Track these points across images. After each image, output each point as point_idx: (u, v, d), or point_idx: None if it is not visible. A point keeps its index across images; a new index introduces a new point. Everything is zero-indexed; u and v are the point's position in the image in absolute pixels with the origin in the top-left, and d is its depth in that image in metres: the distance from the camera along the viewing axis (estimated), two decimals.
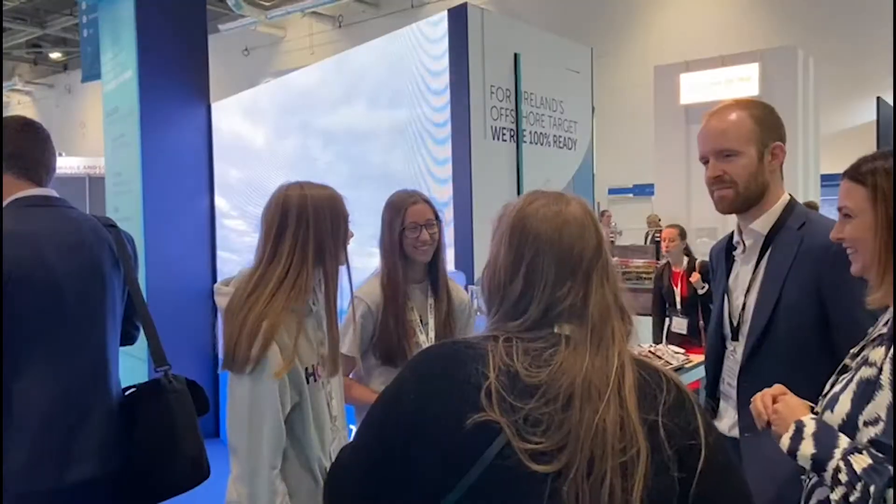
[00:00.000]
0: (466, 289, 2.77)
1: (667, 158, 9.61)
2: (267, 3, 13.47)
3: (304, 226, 1.55)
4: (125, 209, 4.63)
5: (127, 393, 1.91)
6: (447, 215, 2.90)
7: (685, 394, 0.99)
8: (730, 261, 1.78)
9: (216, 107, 4.74)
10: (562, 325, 0.98)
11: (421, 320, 2.10)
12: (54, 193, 1.82)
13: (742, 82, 8.54)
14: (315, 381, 1.57)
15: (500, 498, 0.91)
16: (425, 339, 2.08)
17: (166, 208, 4.49)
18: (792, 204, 1.68)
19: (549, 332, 0.98)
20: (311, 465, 1.54)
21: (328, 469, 1.11)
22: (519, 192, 3.12)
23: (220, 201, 4.74)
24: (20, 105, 20.22)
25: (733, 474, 1.00)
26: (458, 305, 2.17)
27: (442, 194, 2.98)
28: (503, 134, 3.11)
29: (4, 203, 1.74)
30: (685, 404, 0.97)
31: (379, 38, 3.45)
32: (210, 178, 4.75)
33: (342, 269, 1.63)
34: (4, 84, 18.56)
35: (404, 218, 2.04)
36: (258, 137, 4.34)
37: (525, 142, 3.19)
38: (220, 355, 1.51)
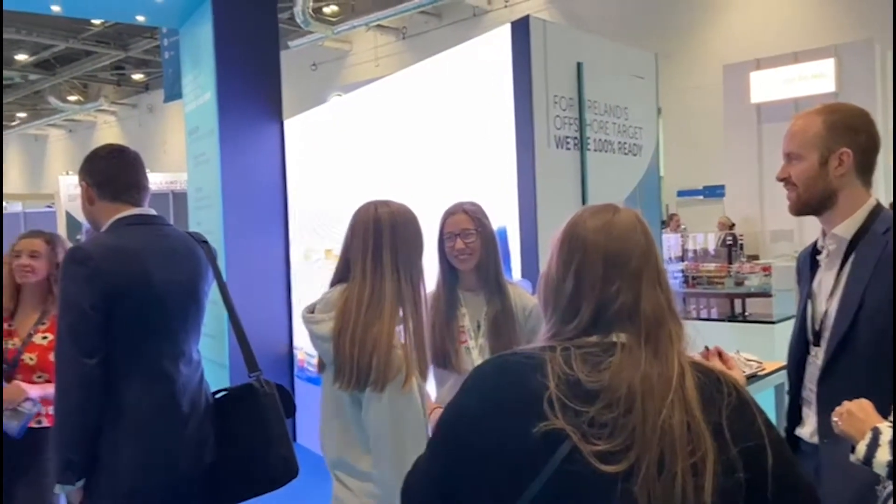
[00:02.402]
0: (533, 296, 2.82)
1: (738, 159, 9.37)
2: (334, 19, 13.84)
3: (394, 245, 1.63)
4: (207, 223, 4.88)
5: (218, 396, 2.06)
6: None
7: (745, 395, 1.01)
8: (814, 266, 1.78)
9: (288, 123, 4.94)
10: (617, 332, 1.01)
11: (477, 326, 2.15)
12: (152, 211, 1.99)
13: (816, 79, 8.26)
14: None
15: (571, 502, 0.94)
16: (474, 344, 2.14)
17: (244, 221, 4.71)
18: (878, 209, 1.67)
19: (603, 338, 1.01)
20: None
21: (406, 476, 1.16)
22: (584, 200, 3.15)
23: (293, 217, 4.93)
24: (106, 125, 21.40)
25: (801, 473, 1.03)
26: (521, 313, 2.20)
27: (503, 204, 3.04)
28: (567, 143, 3.14)
29: (107, 224, 1.92)
30: (746, 406, 1.00)
31: (443, 52, 3.55)
32: (284, 193, 4.95)
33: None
34: (91, 105, 19.67)
35: (443, 227, 2.14)
36: (331, 153, 4.50)
37: (589, 149, 3.22)
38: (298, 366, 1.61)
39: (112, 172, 1.96)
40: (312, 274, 4.64)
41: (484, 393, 1.03)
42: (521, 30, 3.04)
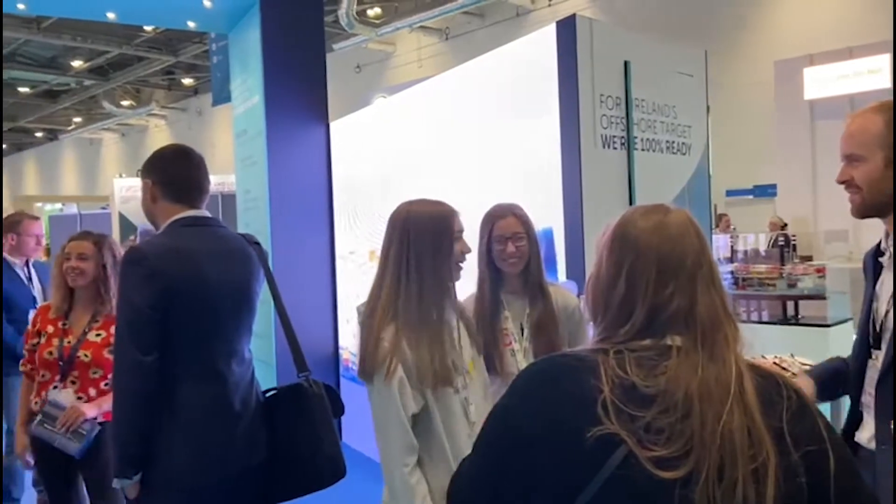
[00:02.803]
0: (578, 298, 2.79)
1: (790, 157, 9.12)
2: (377, 21, 13.95)
3: (405, 242, 1.66)
4: (254, 224, 4.97)
5: (267, 395, 2.09)
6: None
7: (805, 399, 0.99)
8: (877, 267, 1.73)
9: (333, 125, 5.00)
10: (672, 335, 0.99)
11: (521, 329, 2.14)
12: (207, 213, 2.03)
13: (872, 75, 7.99)
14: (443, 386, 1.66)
15: None
16: (519, 347, 2.13)
17: (291, 222, 4.79)
18: None
19: (658, 341, 0.99)
20: (450, 465, 1.61)
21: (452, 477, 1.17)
22: (631, 201, 3.10)
23: (339, 218, 4.99)
24: (157, 128, 22.00)
25: (862, 479, 1.00)
26: (563, 312, 2.19)
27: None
28: (613, 142, 3.10)
29: (164, 225, 1.97)
30: (806, 410, 0.97)
31: (488, 53, 3.54)
32: (329, 194, 5.01)
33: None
34: (143, 109, 20.25)
35: (492, 231, 2.12)
36: (375, 154, 4.54)
37: (636, 149, 3.17)
38: (344, 366, 1.66)
39: (177, 173, 2.00)
40: (356, 275, 4.69)
41: (535, 395, 1.01)
42: (567, 29, 3.01)
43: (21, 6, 5.00)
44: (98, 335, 2.60)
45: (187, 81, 19.22)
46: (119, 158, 24.10)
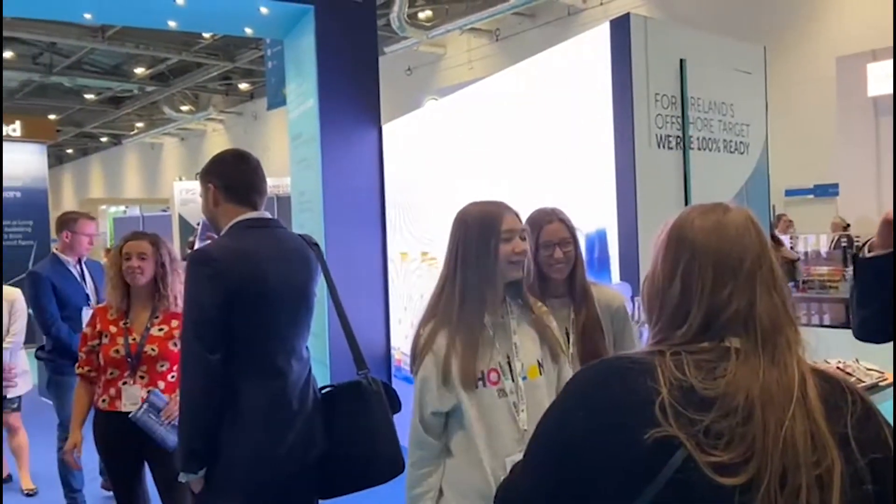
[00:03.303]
0: (632, 300, 2.76)
1: (853, 155, 8.81)
2: (428, 24, 14.03)
3: (455, 242, 1.68)
4: (309, 225, 5.07)
5: (324, 391, 2.14)
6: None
7: (870, 404, 0.96)
8: None
9: (385, 128, 5.06)
10: (731, 338, 0.97)
11: (566, 334, 2.12)
12: (268, 215, 2.09)
13: None
14: (485, 386, 1.66)
15: None
16: (566, 353, 2.12)
17: (344, 224, 4.86)
18: None
19: (717, 344, 0.97)
20: (482, 466, 1.62)
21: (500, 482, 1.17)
22: (687, 201, 3.05)
23: (391, 220, 5.04)
24: (215, 132, 22.62)
25: None
26: (606, 312, 2.17)
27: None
28: (669, 142, 3.06)
29: (227, 227, 2.04)
30: (872, 415, 0.94)
31: (541, 53, 3.54)
32: (381, 196, 5.07)
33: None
34: (202, 114, 20.84)
35: (539, 236, 2.10)
36: (427, 156, 4.57)
37: (692, 148, 3.12)
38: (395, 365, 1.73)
39: (238, 177, 2.06)
40: (408, 276, 4.73)
41: (590, 398, 1.00)
42: (621, 27, 2.98)
43: (88, 16, 5.22)
44: (161, 329, 2.69)
45: (243, 86, 19.71)
46: (178, 162, 24.87)
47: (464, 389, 1.63)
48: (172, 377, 2.67)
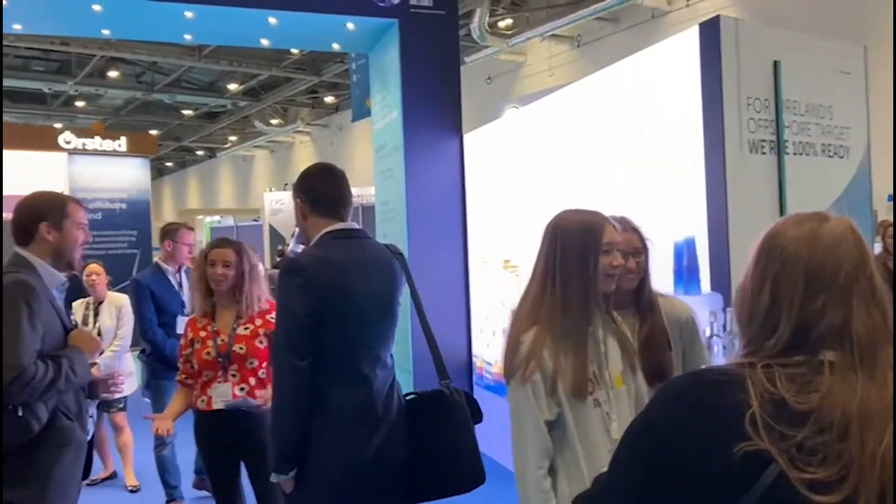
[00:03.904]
0: (724, 311, 2.67)
1: None
2: (508, 32, 14.04)
3: (553, 250, 1.67)
4: (392, 235, 5.17)
5: (408, 398, 2.18)
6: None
7: None
8: None
9: (467, 137, 5.10)
10: (824, 351, 0.93)
11: None
12: (355, 225, 2.16)
13: None
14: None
15: None
16: None
17: (427, 232, 4.93)
18: None
19: (810, 357, 0.93)
20: (583, 478, 1.61)
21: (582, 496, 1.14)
22: (782, 208, 2.92)
23: (472, 228, 5.07)
24: (302, 144, 23.39)
25: None
26: (674, 325, 2.12)
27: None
28: (762, 147, 2.94)
29: (316, 237, 2.12)
30: None
31: (627, 58, 3.48)
32: (463, 205, 5.11)
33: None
34: (290, 127, 21.61)
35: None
36: (509, 165, 4.58)
37: (787, 153, 2.99)
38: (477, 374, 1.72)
39: (323, 190, 2.15)
40: (490, 284, 4.74)
41: (678, 409, 0.98)
42: (710, 30, 2.90)
43: (188, 37, 5.53)
44: (246, 328, 2.82)
45: (329, 99, 20.29)
46: (268, 173, 25.84)
47: (575, 398, 1.63)
48: (262, 374, 2.78)
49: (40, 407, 1.92)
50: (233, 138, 25.12)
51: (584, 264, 1.66)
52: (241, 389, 2.76)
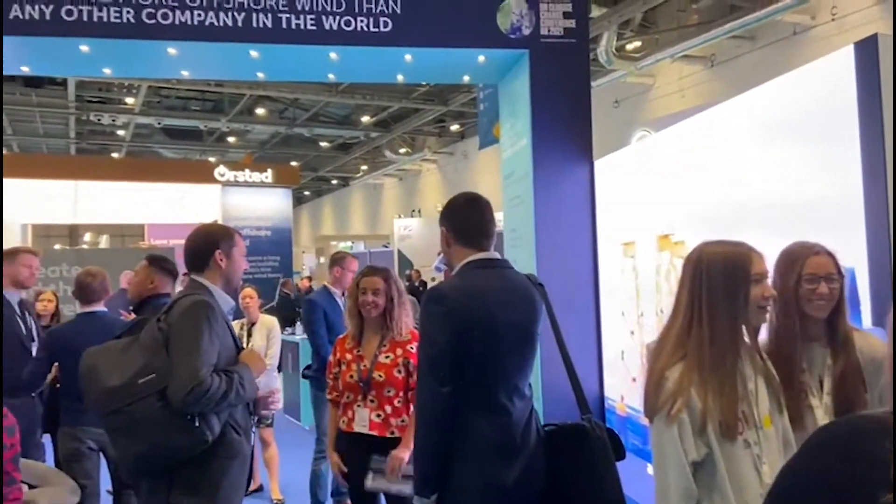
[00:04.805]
0: None
1: None
2: (637, 55, 13.79)
3: (699, 283, 1.63)
4: (521, 262, 5.17)
5: (546, 429, 2.18)
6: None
7: None
8: None
9: (598, 163, 5.05)
10: None
11: (819, 382, 1.95)
12: (496, 255, 2.20)
13: None
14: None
15: None
16: (818, 402, 1.92)
17: (556, 261, 4.90)
18: None
19: None
20: None
21: None
22: None
23: (602, 257, 5.00)
24: (429, 172, 24.04)
25: None
26: (870, 365, 1.95)
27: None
28: None
29: (458, 266, 2.18)
30: None
31: (773, 80, 3.33)
32: (593, 233, 5.05)
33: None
34: (418, 155, 22.30)
35: (802, 269, 1.95)
36: (643, 190, 4.49)
37: None
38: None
39: (466, 220, 2.22)
40: (618, 315, 4.63)
41: (829, 456, 0.95)
42: (867, 50, 2.73)
43: (332, 76, 5.89)
44: (387, 357, 2.92)
45: (454, 128, 20.77)
46: (397, 200, 26.73)
47: (725, 438, 1.57)
48: (399, 402, 2.87)
49: (214, 419, 2.10)
50: (364, 167, 26.24)
51: (733, 297, 1.61)
52: (378, 416, 2.86)
